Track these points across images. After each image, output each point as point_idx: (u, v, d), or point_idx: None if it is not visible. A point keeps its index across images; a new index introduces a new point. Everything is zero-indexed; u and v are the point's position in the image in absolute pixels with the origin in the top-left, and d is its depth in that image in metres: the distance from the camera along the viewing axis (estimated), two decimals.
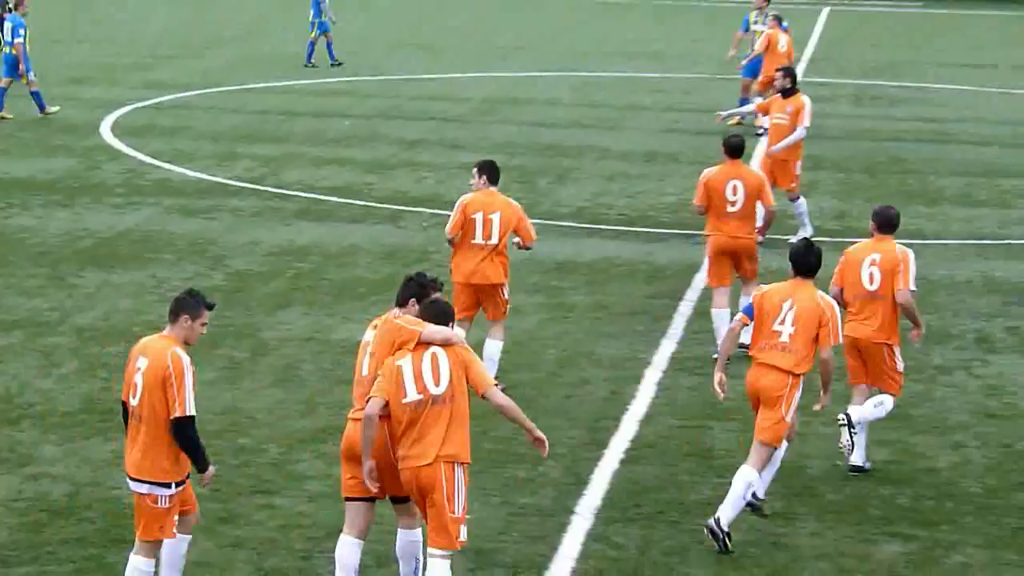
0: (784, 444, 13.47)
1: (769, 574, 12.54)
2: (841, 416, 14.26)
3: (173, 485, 11.03)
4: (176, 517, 11.17)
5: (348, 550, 11.67)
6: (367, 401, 11.32)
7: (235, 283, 20.89)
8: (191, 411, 10.95)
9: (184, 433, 10.95)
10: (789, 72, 24.87)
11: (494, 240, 16.74)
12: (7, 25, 34.74)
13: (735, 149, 18.53)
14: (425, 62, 47.12)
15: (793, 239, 21.91)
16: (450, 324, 11.78)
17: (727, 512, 12.79)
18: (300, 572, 12.34)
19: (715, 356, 18.02)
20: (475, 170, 17.30)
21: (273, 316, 19.49)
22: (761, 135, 28.47)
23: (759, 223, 18.89)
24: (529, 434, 11.58)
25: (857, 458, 14.66)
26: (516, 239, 17.00)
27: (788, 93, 24.27)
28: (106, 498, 13.58)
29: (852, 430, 14.24)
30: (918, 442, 15.64)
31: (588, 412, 16.26)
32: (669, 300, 20.58)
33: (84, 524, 13.04)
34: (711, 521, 12.72)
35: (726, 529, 12.71)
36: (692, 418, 16.12)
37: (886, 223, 15.29)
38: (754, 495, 12.98)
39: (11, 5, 35.35)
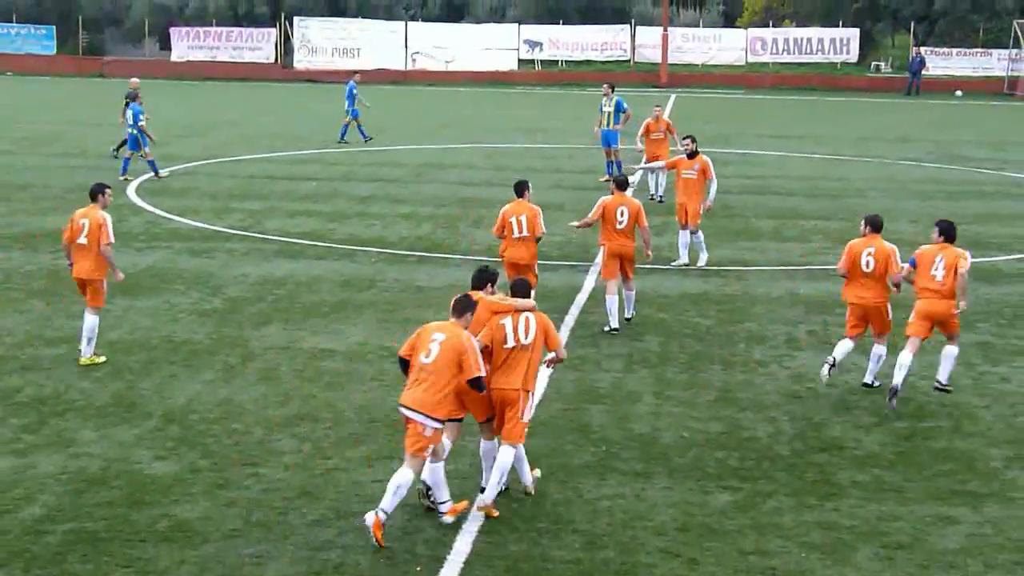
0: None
1: (631, 518, 12.51)
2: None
3: (442, 422, 12.17)
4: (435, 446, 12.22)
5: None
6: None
7: (229, 306, 20.72)
8: (483, 372, 12.24)
9: (478, 384, 12.21)
10: (694, 139, 25.03)
11: (526, 232, 19.04)
12: (129, 112, 35.82)
13: (621, 185, 20.10)
14: (375, 139, 46.96)
15: (674, 263, 24.36)
16: (530, 294, 13.31)
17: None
18: (278, 524, 12.21)
19: (606, 328, 18.66)
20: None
21: (258, 330, 19.33)
22: (605, 182, 31.11)
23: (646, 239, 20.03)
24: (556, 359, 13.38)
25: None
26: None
27: (692, 155, 24.60)
28: (130, 471, 13.41)
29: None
30: (742, 417, 15.68)
31: None
32: (558, 314, 20.52)
33: (113, 491, 12.86)
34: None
35: None
36: (574, 403, 16.08)
37: (876, 225, 16.96)
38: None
39: (130, 97, 36.46)
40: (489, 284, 13.31)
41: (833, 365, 16.65)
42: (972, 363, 18.29)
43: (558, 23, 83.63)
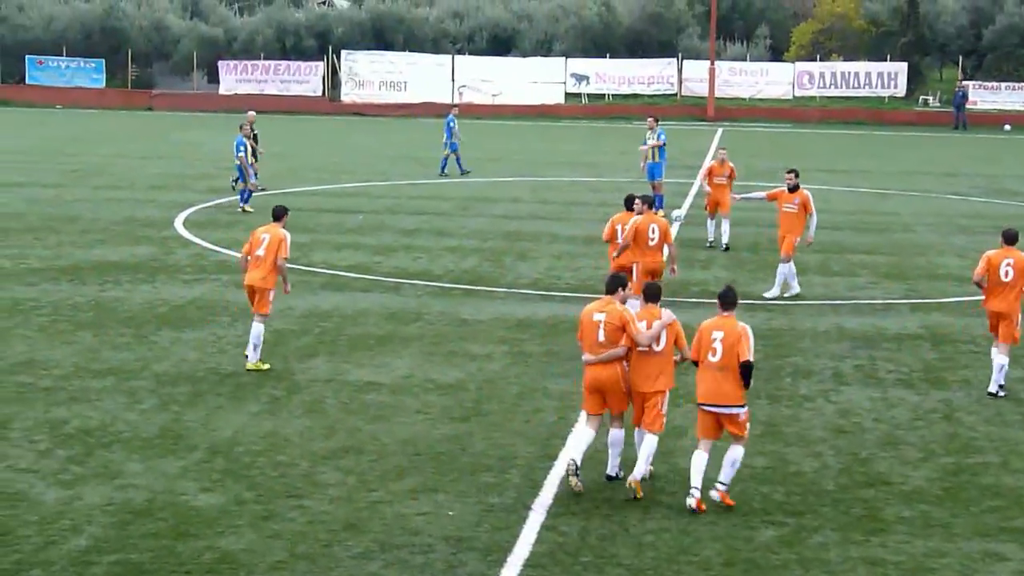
0: None
1: (676, 552, 12.49)
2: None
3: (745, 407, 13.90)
4: None
5: (586, 435, 14.26)
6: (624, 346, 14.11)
7: (275, 338, 20.81)
8: (752, 358, 13.73)
9: (747, 370, 13.62)
10: (797, 173, 25.17)
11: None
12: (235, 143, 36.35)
13: (648, 202, 21.45)
14: (419, 171, 47.23)
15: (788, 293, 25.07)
16: (660, 295, 14.52)
17: None
18: (322, 556, 12.26)
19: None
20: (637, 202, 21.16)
21: (303, 363, 19.43)
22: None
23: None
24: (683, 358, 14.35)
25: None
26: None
27: (794, 188, 24.82)
28: (176, 503, 13.50)
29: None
30: (788, 452, 15.63)
31: (541, 432, 16.20)
32: None
33: (159, 523, 12.94)
34: None
35: None
36: None
37: (1011, 239, 18.40)
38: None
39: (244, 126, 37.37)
40: (620, 289, 14.51)
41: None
42: (1021, 399, 18.16)
43: (605, 56, 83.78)
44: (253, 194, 35.72)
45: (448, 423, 16.49)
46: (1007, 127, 74.92)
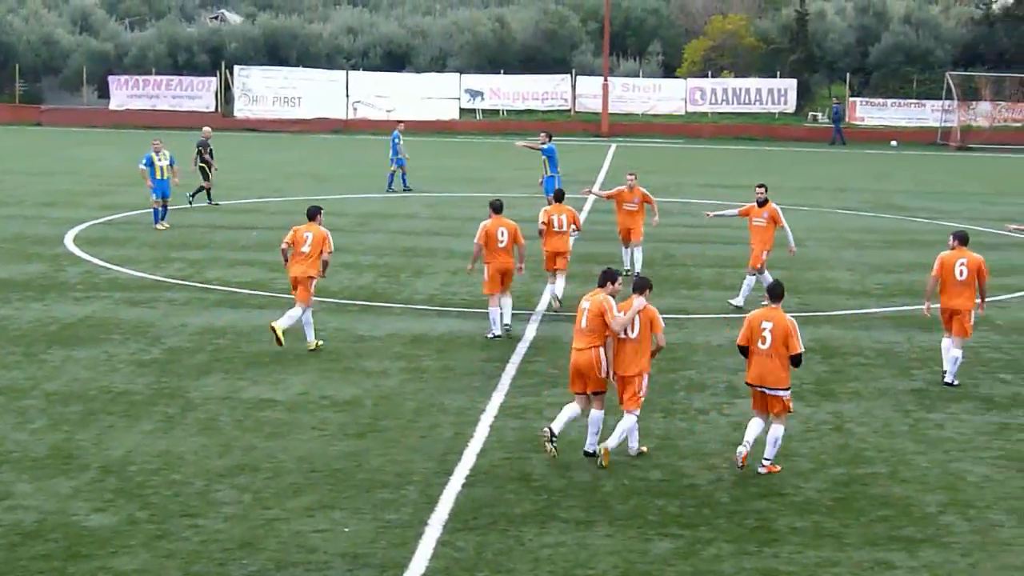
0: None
1: (573, 566, 12.55)
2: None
3: (789, 390, 15.68)
4: None
5: (571, 410, 15.88)
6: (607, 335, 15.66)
7: (169, 356, 20.62)
8: (803, 349, 15.51)
9: (798, 360, 15.50)
10: (766, 188, 25.99)
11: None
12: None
13: (496, 208, 22.94)
14: (316, 187, 47.04)
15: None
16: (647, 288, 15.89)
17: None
18: (217, 574, 12.15)
19: (489, 335, 19.79)
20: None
21: (198, 381, 19.24)
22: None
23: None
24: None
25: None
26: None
27: (763, 203, 25.64)
28: (67, 524, 13.30)
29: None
30: (683, 465, 15.77)
31: (438, 448, 16.19)
32: (499, 363, 20.64)
33: (49, 544, 12.75)
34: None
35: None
36: (516, 451, 16.11)
37: (964, 239, 19.91)
38: None
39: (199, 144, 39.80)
40: (609, 283, 15.88)
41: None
42: (908, 410, 18.50)
43: (499, 72, 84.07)
44: (168, 210, 35.66)
45: (344, 440, 16.43)
46: (894, 143, 76.27)
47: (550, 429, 15.67)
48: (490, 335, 22.43)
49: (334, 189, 46.63)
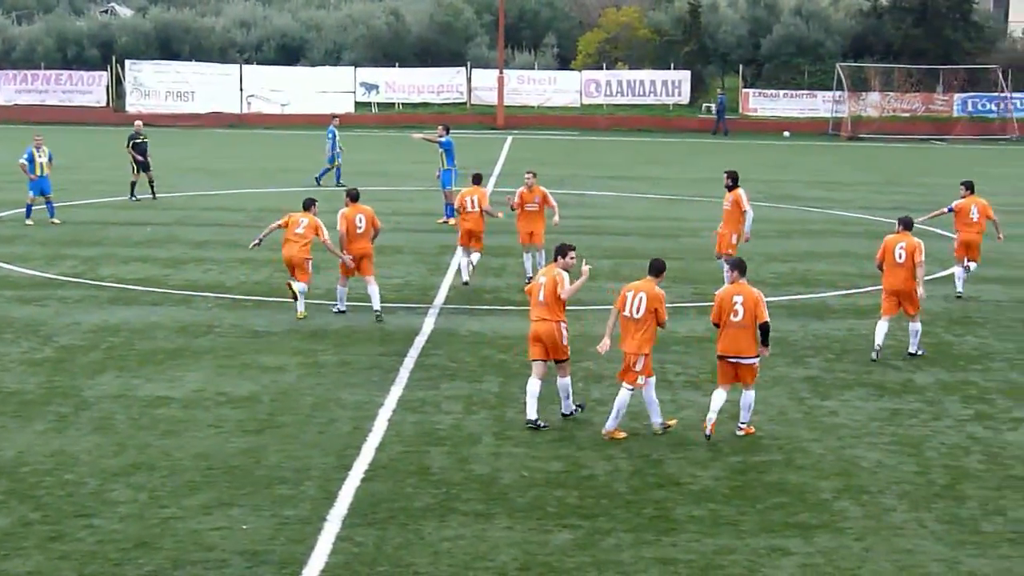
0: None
1: (472, 559, 12.57)
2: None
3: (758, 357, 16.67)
4: None
5: (535, 385, 16.88)
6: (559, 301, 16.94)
7: (61, 355, 20.33)
8: (768, 318, 16.45)
9: (767, 328, 16.42)
10: (731, 174, 26.96)
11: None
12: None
13: (353, 196, 23.90)
14: (211, 182, 46.59)
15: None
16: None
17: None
18: (113, 575, 12.00)
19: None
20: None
21: (92, 379, 18.99)
22: (443, 223, 29.04)
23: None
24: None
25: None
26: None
27: (731, 188, 26.68)
28: None
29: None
30: (581, 456, 15.86)
31: (337, 443, 16.13)
32: (397, 357, 20.60)
33: None
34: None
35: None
36: (415, 445, 16.10)
37: (908, 225, 21.16)
38: None
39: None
40: (560, 257, 17.19)
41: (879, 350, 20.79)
42: (802, 397, 18.75)
43: (394, 66, 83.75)
44: (33, 208, 35.11)
45: (242, 436, 16.31)
46: (786, 134, 77.18)
47: (530, 420, 16.76)
48: (335, 310, 23.93)
49: (229, 184, 46.21)
